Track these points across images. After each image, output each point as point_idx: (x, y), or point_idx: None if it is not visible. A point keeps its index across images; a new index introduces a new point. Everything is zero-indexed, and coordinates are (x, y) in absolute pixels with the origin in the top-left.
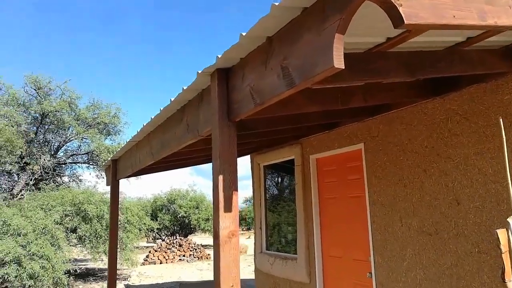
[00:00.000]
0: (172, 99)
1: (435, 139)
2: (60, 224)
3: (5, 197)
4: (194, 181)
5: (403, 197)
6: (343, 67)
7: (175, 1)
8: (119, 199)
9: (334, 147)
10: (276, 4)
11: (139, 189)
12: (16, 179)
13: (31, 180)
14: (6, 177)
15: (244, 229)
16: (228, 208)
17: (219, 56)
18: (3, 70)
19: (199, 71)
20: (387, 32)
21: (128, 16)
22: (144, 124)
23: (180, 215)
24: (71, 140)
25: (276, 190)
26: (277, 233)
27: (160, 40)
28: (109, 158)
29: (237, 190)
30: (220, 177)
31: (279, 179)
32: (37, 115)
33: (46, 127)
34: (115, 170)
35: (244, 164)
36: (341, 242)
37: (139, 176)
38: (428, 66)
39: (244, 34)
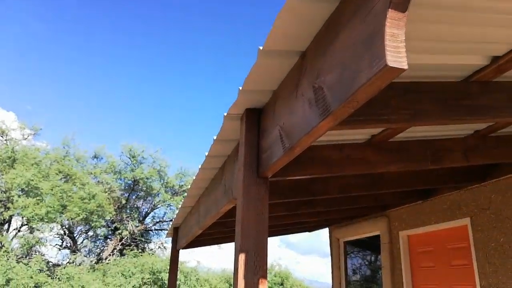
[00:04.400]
0: (206, 153)
1: None
2: None
3: (91, 260)
4: (281, 255)
5: None
6: (406, 67)
7: None
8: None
9: (430, 222)
10: None
11: (223, 259)
12: (104, 244)
13: (118, 245)
14: (100, 241)
15: None
16: None
17: (240, 88)
18: (105, 140)
19: (225, 113)
20: (496, 49)
21: None
22: (190, 187)
23: None
24: (158, 207)
25: (361, 271)
26: None
27: None
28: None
29: (266, 278)
30: (241, 257)
31: (365, 258)
32: (130, 181)
33: (137, 194)
34: (176, 239)
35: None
36: None
37: (220, 246)
38: None
39: (261, 47)
